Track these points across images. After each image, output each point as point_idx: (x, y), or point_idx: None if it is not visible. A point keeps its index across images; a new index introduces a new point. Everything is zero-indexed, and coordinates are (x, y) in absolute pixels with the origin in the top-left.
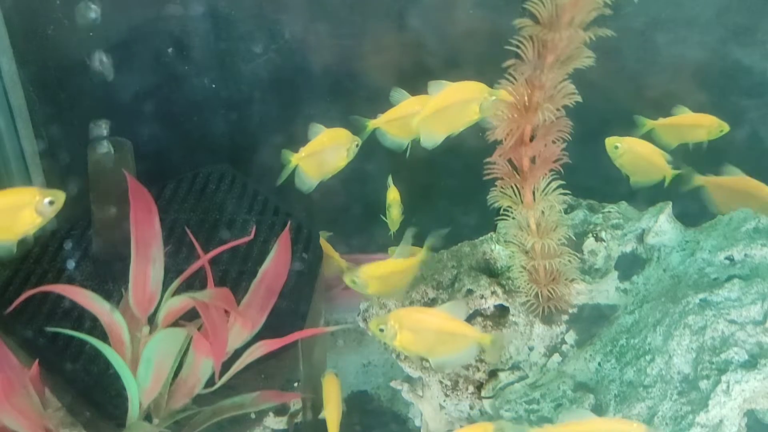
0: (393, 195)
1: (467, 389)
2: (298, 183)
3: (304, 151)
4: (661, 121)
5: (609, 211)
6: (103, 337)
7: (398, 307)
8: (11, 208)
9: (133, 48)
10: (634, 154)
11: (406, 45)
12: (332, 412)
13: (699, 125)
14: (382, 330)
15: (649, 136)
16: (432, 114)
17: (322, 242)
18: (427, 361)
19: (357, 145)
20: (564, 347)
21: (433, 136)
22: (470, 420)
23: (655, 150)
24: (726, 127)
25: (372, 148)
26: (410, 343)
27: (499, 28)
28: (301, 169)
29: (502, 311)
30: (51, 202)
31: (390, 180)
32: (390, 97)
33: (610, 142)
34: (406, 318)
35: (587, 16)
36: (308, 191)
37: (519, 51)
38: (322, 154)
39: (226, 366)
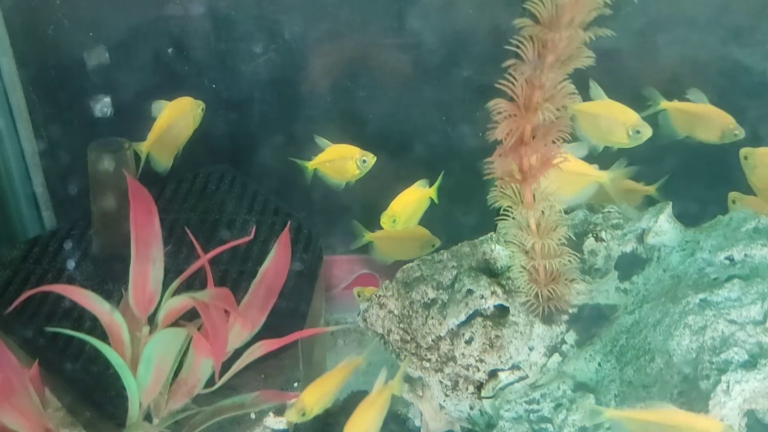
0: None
1: (467, 389)
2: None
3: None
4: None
5: (609, 211)
6: (103, 337)
7: (398, 309)
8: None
9: (133, 48)
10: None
11: (406, 45)
12: None
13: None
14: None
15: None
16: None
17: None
18: (427, 360)
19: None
20: (564, 347)
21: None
22: (470, 420)
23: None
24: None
25: (371, 148)
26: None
27: (499, 28)
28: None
29: (502, 311)
30: (364, 161)
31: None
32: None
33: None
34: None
35: (587, 16)
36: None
37: (519, 51)
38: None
39: (226, 366)
